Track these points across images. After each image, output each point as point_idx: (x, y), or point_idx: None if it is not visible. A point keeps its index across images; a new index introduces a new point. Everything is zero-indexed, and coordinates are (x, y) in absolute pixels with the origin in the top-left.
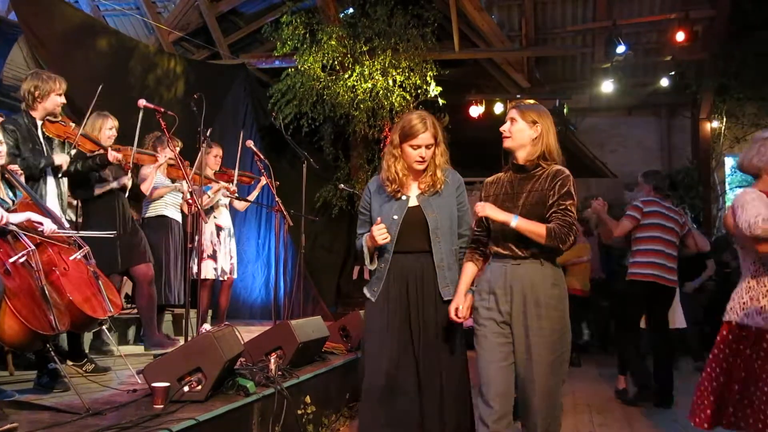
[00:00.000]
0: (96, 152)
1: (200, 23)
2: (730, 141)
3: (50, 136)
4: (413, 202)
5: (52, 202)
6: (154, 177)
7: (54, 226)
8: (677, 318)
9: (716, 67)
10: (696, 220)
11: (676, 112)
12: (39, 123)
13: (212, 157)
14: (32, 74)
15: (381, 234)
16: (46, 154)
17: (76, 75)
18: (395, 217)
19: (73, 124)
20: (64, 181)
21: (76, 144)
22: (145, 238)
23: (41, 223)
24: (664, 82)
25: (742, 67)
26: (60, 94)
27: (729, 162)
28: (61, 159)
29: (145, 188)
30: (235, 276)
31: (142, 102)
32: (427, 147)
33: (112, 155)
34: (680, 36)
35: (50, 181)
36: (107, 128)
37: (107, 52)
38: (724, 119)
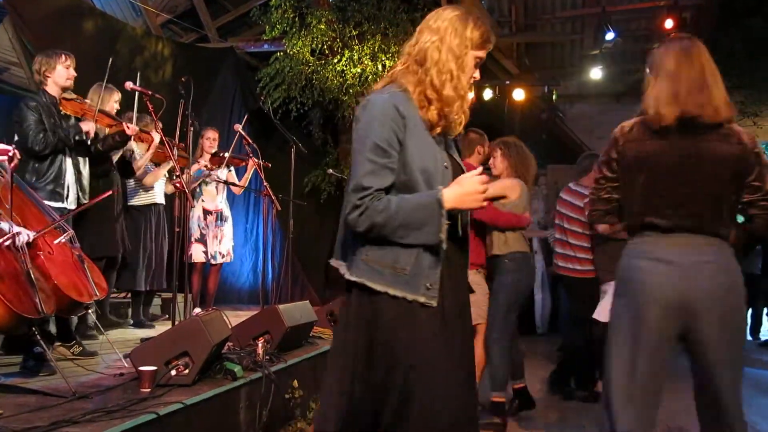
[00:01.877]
0: (113, 127)
1: (188, 6)
2: None
3: (67, 113)
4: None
5: (69, 179)
6: (148, 160)
7: (27, 236)
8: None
9: None
10: None
11: None
12: (57, 100)
13: (206, 141)
14: (38, 55)
15: (483, 188)
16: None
17: None
18: (446, 165)
19: (88, 101)
20: (82, 159)
21: (95, 120)
22: (123, 229)
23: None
24: None
25: (730, 55)
26: (67, 67)
27: None
28: (87, 126)
29: (138, 166)
30: (229, 260)
31: (129, 84)
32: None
33: (131, 129)
34: (669, 23)
35: (68, 158)
36: (114, 101)
37: (94, 34)
38: None
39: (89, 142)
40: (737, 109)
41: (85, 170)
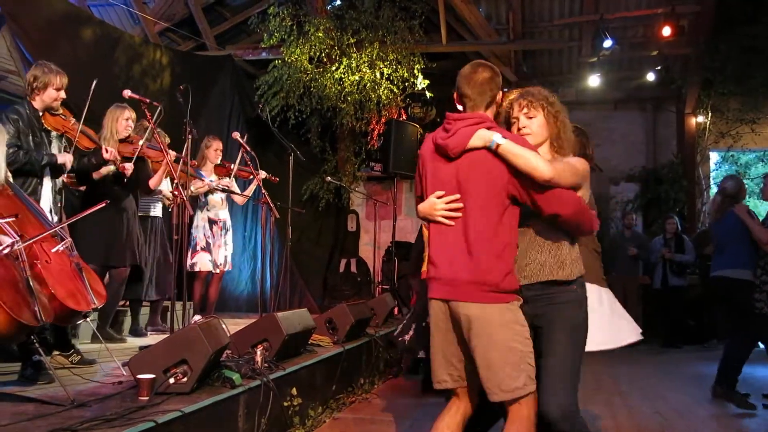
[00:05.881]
0: (92, 149)
1: (186, 14)
2: (715, 136)
3: (48, 128)
4: None
5: (46, 196)
6: (163, 176)
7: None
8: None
9: (701, 62)
10: (680, 214)
11: (661, 107)
12: (39, 114)
13: (213, 151)
14: (37, 64)
15: None
16: (45, 146)
17: (61, 65)
18: None
19: (73, 119)
20: (59, 181)
21: (75, 140)
22: (137, 242)
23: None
24: (650, 77)
25: (727, 62)
26: (58, 89)
27: (713, 157)
28: (65, 158)
29: (154, 184)
30: (228, 268)
31: (127, 92)
32: None
33: (109, 152)
34: (666, 31)
35: (46, 174)
36: (123, 119)
37: (92, 42)
38: (709, 114)
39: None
40: (734, 116)
41: (59, 191)
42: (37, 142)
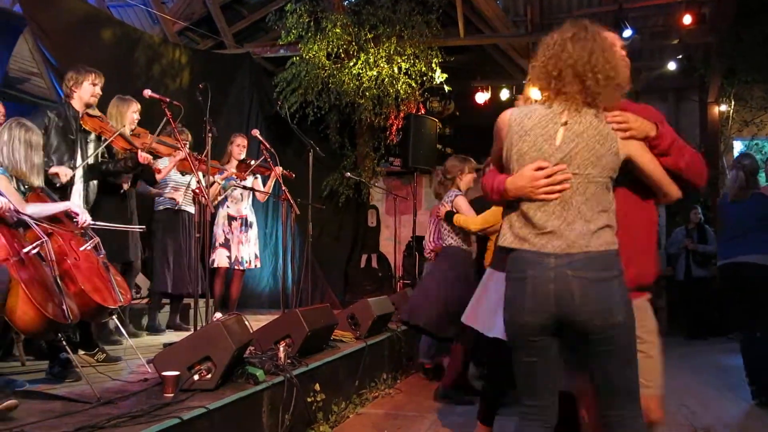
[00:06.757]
0: (127, 151)
1: (204, 13)
2: (739, 124)
3: (86, 128)
4: None
5: (75, 197)
6: (170, 170)
7: (89, 218)
8: None
9: (724, 50)
10: (704, 204)
11: (683, 96)
12: (79, 115)
13: (235, 147)
14: (72, 68)
15: None
16: (80, 146)
17: None
18: None
19: (111, 122)
20: (92, 183)
21: (111, 141)
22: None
23: (77, 214)
24: (672, 66)
25: (750, 50)
26: (94, 84)
27: (737, 146)
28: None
29: (159, 178)
30: (258, 265)
31: (147, 92)
32: None
33: (142, 156)
34: (687, 19)
35: (78, 175)
36: (131, 112)
37: (112, 43)
38: (732, 103)
39: (100, 162)
40: (758, 104)
41: (93, 192)
42: (72, 140)
